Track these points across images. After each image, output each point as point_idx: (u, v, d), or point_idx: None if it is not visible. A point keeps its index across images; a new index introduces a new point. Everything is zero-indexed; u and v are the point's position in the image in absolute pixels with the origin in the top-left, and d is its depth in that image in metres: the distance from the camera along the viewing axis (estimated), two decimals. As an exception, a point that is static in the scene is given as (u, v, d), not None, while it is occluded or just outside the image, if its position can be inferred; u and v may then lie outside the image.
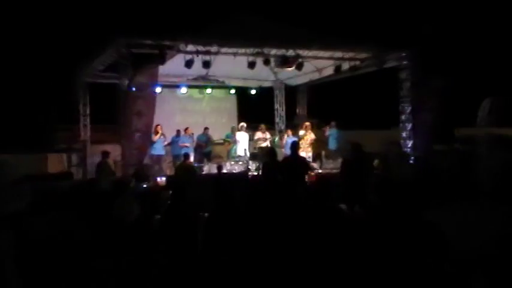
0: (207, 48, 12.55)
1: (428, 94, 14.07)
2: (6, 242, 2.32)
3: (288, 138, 15.12)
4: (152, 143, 13.76)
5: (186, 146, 14.44)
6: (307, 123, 15.79)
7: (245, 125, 15.84)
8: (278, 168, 9.23)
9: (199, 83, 16.79)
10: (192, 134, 15.21)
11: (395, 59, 14.34)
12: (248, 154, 15.03)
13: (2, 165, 2.31)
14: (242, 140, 15.39)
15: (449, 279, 2.65)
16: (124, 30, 12.30)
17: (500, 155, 12.91)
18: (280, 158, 10.96)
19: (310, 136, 15.41)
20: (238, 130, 15.68)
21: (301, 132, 15.36)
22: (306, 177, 9.53)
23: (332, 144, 16.11)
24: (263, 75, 16.48)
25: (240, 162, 14.13)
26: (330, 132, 16.26)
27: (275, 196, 6.93)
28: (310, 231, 4.44)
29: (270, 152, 10.12)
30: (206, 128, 16.06)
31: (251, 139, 15.98)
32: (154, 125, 13.93)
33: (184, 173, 12.31)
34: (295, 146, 9.84)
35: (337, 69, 14.78)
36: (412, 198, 4.26)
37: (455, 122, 18.05)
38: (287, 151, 13.36)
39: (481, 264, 3.86)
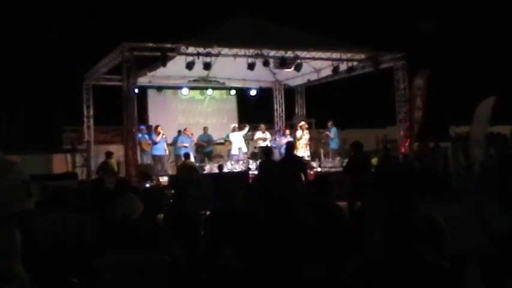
0: (208, 50, 12.47)
1: (414, 93, 14.18)
2: (15, 239, 2.32)
3: (284, 138, 15.05)
4: (154, 143, 13.75)
5: (185, 146, 14.27)
6: (303, 123, 15.72)
7: (237, 125, 15.74)
8: (274, 167, 9.15)
9: (200, 85, 16.73)
10: (192, 134, 15.11)
11: (391, 60, 14.36)
12: (243, 152, 14.95)
13: (12, 166, 2.28)
14: (235, 140, 15.18)
15: (447, 275, 2.57)
16: (128, 34, 12.32)
17: (491, 152, 12.86)
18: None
19: (307, 136, 15.38)
20: (232, 131, 15.47)
21: (298, 133, 15.32)
22: (303, 176, 9.19)
23: (333, 144, 15.79)
24: (263, 77, 16.46)
25: (241, 162, 14.07)
26: (332, 131, 15.85)
27: (271, 194, 6.89)
28: (307, 228, 4.43)
29: (266, 151, 10.07)
30: (205, 128, 16.02)
31: (251, 138, 15.94)
32: (154, 125, 13.92)
33: (186, 172, 12.31)
34: (290, 146, 9.74)
35: (335, 70, 14.70)
36: (408, 194, 4.25)
37: (443, 119, 18.17)
38: (281, 151, 13.27)
39: (475, 259, 3.86)
